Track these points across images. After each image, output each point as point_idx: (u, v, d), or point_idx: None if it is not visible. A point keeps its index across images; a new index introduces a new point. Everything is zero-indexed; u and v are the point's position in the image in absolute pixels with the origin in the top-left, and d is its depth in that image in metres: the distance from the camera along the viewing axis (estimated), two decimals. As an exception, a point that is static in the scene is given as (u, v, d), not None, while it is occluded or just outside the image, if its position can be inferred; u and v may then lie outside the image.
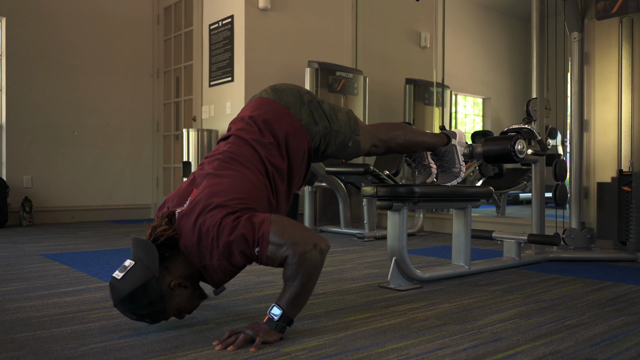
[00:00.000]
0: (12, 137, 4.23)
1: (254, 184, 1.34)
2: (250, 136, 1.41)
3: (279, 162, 1.41)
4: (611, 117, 2.68)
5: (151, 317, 1.23)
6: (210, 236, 1.23)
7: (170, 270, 1.25)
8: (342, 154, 1.57)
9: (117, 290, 1.20)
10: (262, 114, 1.45)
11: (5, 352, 1.15)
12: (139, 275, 1.20)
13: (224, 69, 4.20)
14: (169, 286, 1.24)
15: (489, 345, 1.21)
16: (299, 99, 1.49)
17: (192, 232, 1.25)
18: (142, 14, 4.89)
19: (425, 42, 5.08)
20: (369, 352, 1.15)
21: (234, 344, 1.16)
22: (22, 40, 4.26)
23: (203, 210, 1.26)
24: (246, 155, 1.38)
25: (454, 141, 1.87)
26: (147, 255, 1.22)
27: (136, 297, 1.19)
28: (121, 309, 1.22)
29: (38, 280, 1.95)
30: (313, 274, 1.23)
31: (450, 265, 2.09)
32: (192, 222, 1.25)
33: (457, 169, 1.87)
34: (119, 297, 1.20)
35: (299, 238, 1.23)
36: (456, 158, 1.87)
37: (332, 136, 1.51)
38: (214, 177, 1.34)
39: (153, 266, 1.21)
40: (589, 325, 1.37)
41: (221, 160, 1.38)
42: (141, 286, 1.19)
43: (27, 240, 3.15)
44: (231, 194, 1.28)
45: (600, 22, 2.71)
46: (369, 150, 1.65)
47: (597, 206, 2.68)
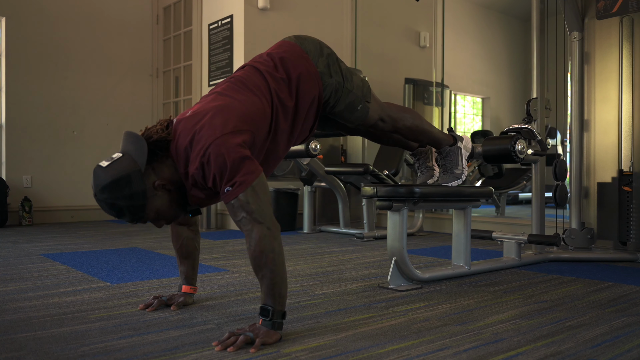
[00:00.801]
0: (12, 137, 4.22)
1: (258, 109, 1.34)
2: (264, 67, 1.42)
3: (286, 98, 1.40)
4: (611, 117, 2.68)
5: (130, 212, 1.22)
6: (201, 144, 1.22)
7: (156, 170, 1.25)
8: (350, 116, 1.55)
9: (100, 177, 1.20)
10: (280, 52, 1.46)
11: (6, 352, 1.15)
12: (124, 166, 1.20)
13: (224, 68, 4.19)
14: (152, 185, 1.24)
15: (489, 346, 1.20)
16: (319, 49, 1.49)
17: (187, 135, 1.25)
18: (142, 13, 4.89)
19: (425, 42, 5.08)
20: (369, 352, 1.15)
21: (233, 345, 1.15)
22: (21, 40, 4.25)
23: (203, 117, 1.26)
24: (256, 82, 1.38)
25: (460, 144, 1.86)
26: (135, 149, 1.22)
27: (118, 187, 1.18)
28: (101, 197, 1.21)
29: (38, 280, 1.95)
30: (275, 259, 1.22)
31: (450, 265, 2.09)
32: (190, 126, 1.25)
33: (459, 171, 1.87)
34: (100, 184, 1.19)
35: (261, 214, 1.21)
36: (460, 160, 1.86)
37: (343, 93, 1.50)
38: (221, 95, 1.35)
39: (140, 160, 1.21)
40: (590, 326, 1.37)
41: (231, 82, 1.39)
42: (125, 176, 1.19)
43: (27, 240, 3.15)
44: (236, 113, 1.28)
45: (601, 21, 2.71)
46: (376, 123, 1.62)
47: (598, 206, 2.68)
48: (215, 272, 2.11)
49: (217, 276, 2.03)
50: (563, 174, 2.48)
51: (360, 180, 3.44)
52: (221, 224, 4.07)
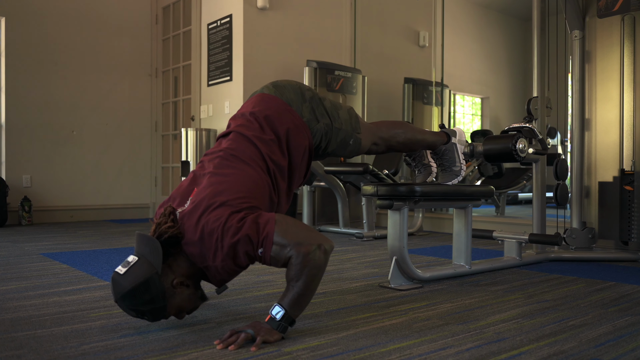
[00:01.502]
0: (12, 137, 4.21)
1: (256, 181, 1.32)
2: (251, 133, 1.39)
3: (279, 159, 1.40)
4: (613, 116, 2.67)
5: (151, 315, 1.22)
6: (215, 237, 1.21)
7: (173, 268, 1.24)
8: (343, 152, 1.56)
9: (119, 285, 1.19)
10: (263, 110, 1.43)
11: (6, 350, 1.14)
12: (142, 272, 1.19)
13: (223, 68, 4.18)
14: (171, 284, 1.23)
15: (492, 345, 1.20)
16: (301, 95, 1.48)
17: (194, 231, 1.23)
18: (141, 13, 4.88)
19: (424, 42, 5.07)
20: (370, 351, 1.14)
21: (235, 343, 1.15)
22: (21, 40, 4.24)
23: (206, 209, 1.24)
24: (247, 152, 1.36)
25: (454, 139, 1.85)
26: (151, 252, 1.21)
27: (138, 294, 1.18)
28: (122, 305, 1.21)
29: (38, 279, 1.94)
30: (316, 275, 1.22)
31: (451, 264, 2.08)
32: (195, 222, 1.24)
33: (458, 168, 1.86)
34: (120, 292, 1.19)
35: (303, 238, 1.22)
36: (456, 156, 1.85)
37: (333, 134, 1.50)
38: (215, 176, 1.32)
39: (156, 263, 1.20)
40: (592, 326, 1.36)
41: (222, 157, 1.36)
42: (143, 282, 1.18)
43: (27, 240, 3.14)
44: (234, 193, 1.27)
45: (602, 20, 2.71)
46: (370, 148, 1.63)
47: (599, 206, 2.68)
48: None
49: (217, 275, 2.03)
50: (564, 173, 2.48)
51: (360, 179, 3.43)
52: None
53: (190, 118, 4.57)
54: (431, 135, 1.82)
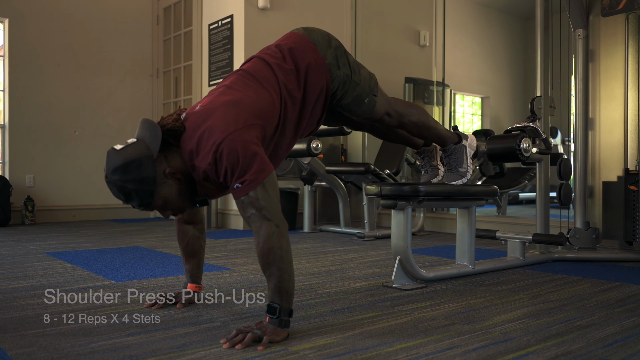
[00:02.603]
0: (15, 137, 4.21)
1: (268, 103, 1.33)
2: (272, 60, 1.41)
3: (294, 90, 1.40)
4: (617, 115, 2.67)
5: (138, 196, 1.22)
6: (213, 139, 1.22)
7: (168, 159, 1.26)
8: (357, 109, 1.53)
9: (113, 159, 1.21)
10: (289, 43, 1.45)
11: (16, 348, 1.15)
12: (137, 150, 1.21)
13: (224, 68, 4.18)
14: (163, 172, 1.24)
15: (499, 345, 1.19)
16: (328, 41, 1.48)
17: (197, 129, 1.24)
18: (142, 14, 4.88)
19: (425, 41, 5.07)
20: (377, 351, 1.14)
21: (241, 343, 1.15)
22: (24, 41, 4.24)
23: (215, 112, 1.25)
24: (264, 75, 1.37)
25: (465, 142, 1.85)
26: (150, 136, 1.23)
27: (129, 170, 1.19)
28: (112, 179, 1.21)
29: (44, 278, 1.95)
30: (283, 256, 1.22)
31: (454, 264, 2.08)
32: (201, 121, 1.25)
33: (464, 169, 1.86)
34: (112, 166, 1.20)
35: (270, 211, 1.22)
36: (464, 158, 1.85)
37: (350, 85, 1.49)
38: (230, 89, 1.34)
39: (153, 147, 1.22)
40: (599, 326, 1.36)
41: (240, 75, 1.39)
42: (137, 159, 1.20)
43: (31, 239, 3.14)
44: (246, 107, 1.28)
45: (606, 18, 2.70)
46: (382, 117, 1.61)
47: (603, 206, 2.67)
48: (218, 271, 2.10)
49: (221, 274, 2.03)
50: (567, 173, 2.47)
51: (361, 179, 3.43)
52: (222, 223, 4.06)
53: (192, 118, 4.56)
54: (444, 129, 1.81)
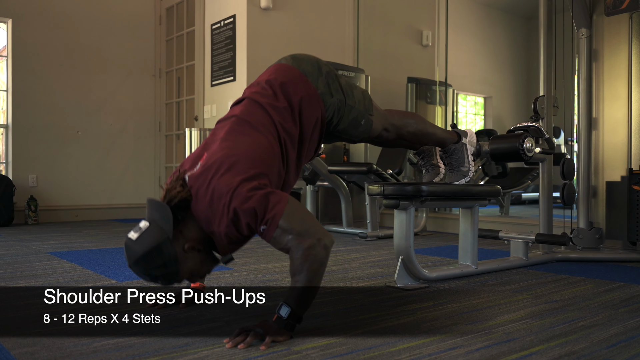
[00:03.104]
0: (18, 137, 4.23)
1: (266, 149, 1.32)
2: (264, 100, 1.39)
3: (291, 128, 1.38)
4: (621, 115, 2.66)
5: (165, 279, 1.23)
6: (223, 202, 1.21)
7: (184, 233, 1.25)
8: (354, 132, 1.53)
9: (132, 251, 1.21)
10: (279, 78, 1.43)
11: (20, 347, 1.15)
12: (153, 237, 1.20)
13: (226, 68, 4.19)
14: (182, 248, 1.24)
15: (502, 345, 1.19)
16: (317, 69, 1.47)
17: (204, 194, 1.23)
18: (145, 14, 4.89)
19: (427, 41, 5.06)
20: (380, 351, 1.14)
21: (244, 342, 1.15)
22: (27, 42, 4.26)
23: (217, 172, 1.24)
24: (259, 119, 1.36)
25: (465, 140, 1.84)
26: (161, 217, 1.22)
27: (150, 258, 1.19)
28: (135, 269, 1.22)
29: (47, 277, 1.95)
30: (318, 270, 1.22)
31: (457, 264, 2.08)
32: (205, 185, 1.24)
33: (466, 168, 1.85)
34: (133, 257, 1.20)
35: (305, 230, 1.21)
36: (465, 157, 1.84)
37: (345, 110, 1.48)
38: (226, 141, 1.32)
39: (167, 228, 1.21)
40: (603, 327, 1.35)
41: (234, 123, 1.36)
42: (156, 247, 1.19)
43: (34, 239, 3.15)
44: (245, 159, 1.27)
45: (610, 18, 2.69)
46: (380, 133, 1.60)
47: (606, 206, 2.66)
48: (221, 271, 2.11)
49: (223, 274, 2.03)
50: (571, 173, 2.46)
51: (364, 179, 3.42)
52: (225, 223, 4.06)
53: (193, 118, 4.57)
54: (442, 132, 1.80)
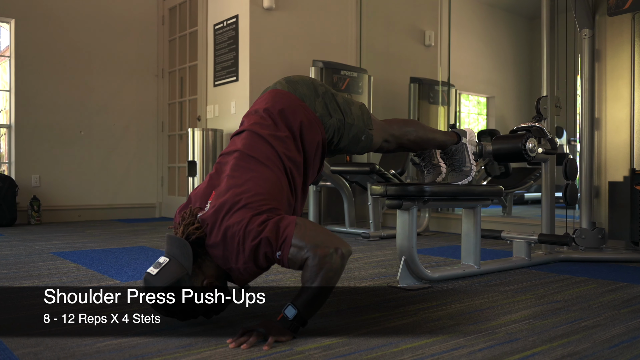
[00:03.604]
0: (21, 137, 4.25)
1: (274, 182, 1.33)
2: (265, 131, 1.39)
3: (295, 156, 1.39)
4: (623, 115, 2.66)
5: (182, 314, 1.24)
6: (237, 240, 1.22)
7: (202, 269, 1.26)
8: (355, 148, 1.55)
9: (152, 285, 1.21)
10: (276, 106, 1.42)
11: (23, 348, 1.16)
12: (173, 272, 1.21)
13: (229, 68, 4.19)
14: (201, 285, 1.24)
15: (504, 346, 1.19)
16: (314, 91, 1.47)
17: (217, 234, 1.24)
18: (147, 14, 4.90)
19: (430, 41, 5.06)
20: (383, 351, 1.14)
21: (247, 342, 1.16)
22: (30, 42, 4.27)
23: (227, 212, 1.25)
24: (263, 152, 1.36)
25: (465, 140, 1.84)
26: (181, 253, 1.23)
27: None
28: (154, 304, 1.22)
29: (50, 277, 1.96)
30: (332, 278, 1.22)
31: (460, 265, 2.08)
32: (217, 225, 1.25)
33: (468, 168, 1.85)
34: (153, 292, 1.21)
35: (321, 241, 1.22)
36: (467, 157, 1.84)
37: (345, 129, 1.49)
38: (233, 178, 1.33)
39: (187, 264, 1.22)
40: (605, 327, 1.35)
41: (238, 159, 1.37)
42: (175, 283, 1.20)
43: (37, 239, 3.16)
44: (254, 195, 1.27)
45: (612, 18, 2.69)
46: (381, 145, 1.62)
47: (609, 206, 2.66)
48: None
49: (226, 275, 2.03)
50: (573, 173, 2.46)
51: (366, 179, 3.43)
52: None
53: (196, 118, 4.58)
54: (442, 135, 1.81)
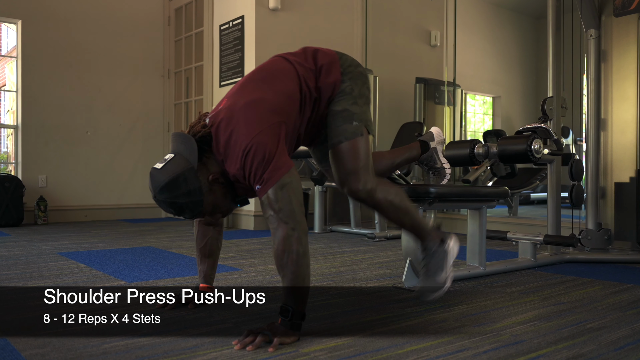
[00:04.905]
0: (28, 138, 4.28)
1: (288, 96, 1.35)
2: (292, 57, 1.43)
3: (312, 86, 1.41)
4: (629, 116, 2.64)
5: (189, 209, 1.25)
6: (239, 146, 1.24)
7: (207, 165, 1.28)
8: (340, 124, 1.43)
9: (157, 179, 1.24)
10: (315, 47, 1.49)
11: (30, 349, 1.17)
12: (178, 166, 1.23)
13: (235, 69, 4.21)
14: (206, 179, 1.27)
15: (509, 348, 1.19)
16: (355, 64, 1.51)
17: (223, 135, 1.26)
18: (153, 15, 4.92)
19: (436, 41, 5.05)
20: (388, 353, 1.14)
21: (252, 344, 1.17)
22: (37, 43, 4.31)
23: (238, 117, 1.27)
24: (284, 70, 1.39)
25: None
26: (186, 148, 1.25)
27: (175, 186, 1.22)
28: (161, 198, 1.24)
29: (57, 278, 1.98)
30: (298, 262, 1.23)
31: (465, 266, 2.08)
32: (224, 126, 1.27)
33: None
34: (158, 185, 1.23)
35: (288, 213, 1.23)
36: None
37: (348, 97, 1.46)
38: (247, 89, 1.35)
39: (192, 159, 1.25)
40: (611, 329, 1.35)
41: (259, 70, 1.41)
42: (181, 174, 1.22)
43: (44, 239, 3.19)
44: (266, 105, 1.29)
45: (618, 19, 2.67)
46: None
47: (615, 207, 2.64)
48: (229, 272, 2.12)
49: (232, 275, 2.04)
50: (579, 174, 2.45)
51: (372, 180, 3.42)
52: (233, 223, 4.08)
53: (202, 118, 4.60)
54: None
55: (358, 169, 1.42)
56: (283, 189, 1.23)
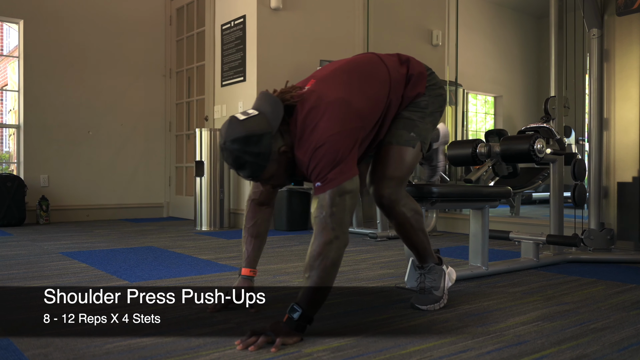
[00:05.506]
0: (30, 137, 4.29)
1: (376, 103, 1.34)
2: (389, 61, 1.43)
3: (398, 96, 1.41)
4: (632, 116, 2.63)
5: (251, 169, 1.25)
6: (317, 136, 1.24)
7: (283, 136, 1.28)
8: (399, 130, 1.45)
9: (235, 129, 1.23)
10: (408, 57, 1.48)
11: (33, 349, 1.17)
12: (259, 125, 1.23)
13: (236, 68, 4.21)
14: (278, 150, 1.26)
15: (512, 348, 1.19)
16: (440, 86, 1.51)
17: (306, 116, 1.26)
18: (155, 15, 4.92)
19: (437, 40, 5.04)
20: (391, 353, 1.14)
21: (255, 344, 1.16)
22: (38, 42, 4.31)
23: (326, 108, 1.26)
24: (379, 74, 1.39)
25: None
26: (272, 112, 1.24)
27: (249, 142, 1.21)
28: (230, 147, 1.23)
29: (59, 278, 1.98)
30: (330, 270, 1.23)
31: (467, 266, 2.07)
32: (310, 108, 1.26)
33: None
34: (234, 135, 1.22)
35: (338, 220, 1.23)
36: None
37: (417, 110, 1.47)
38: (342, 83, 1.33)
39: (274, 124, 1.24)
40: (615, 329, 1.34)
41: (354, 64, 1.40)
42: (258, 134, 1.22)
43: (46, 239, 3.19)
44: (353, 109, 1.28)
45: (621, 18, 2.67)
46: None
47: (618, 206, 2.64)
48: (231, 272, 2.12)
49: (234, 275, 2.04)
50: (582, 174, 2.44)
51: (374, 179, 3.42)
52: (234, 223, 4.08)
53: (204, 118, 4.60)
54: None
55: (394, 177, 1.45)
56: (342, 195, 1.23)
